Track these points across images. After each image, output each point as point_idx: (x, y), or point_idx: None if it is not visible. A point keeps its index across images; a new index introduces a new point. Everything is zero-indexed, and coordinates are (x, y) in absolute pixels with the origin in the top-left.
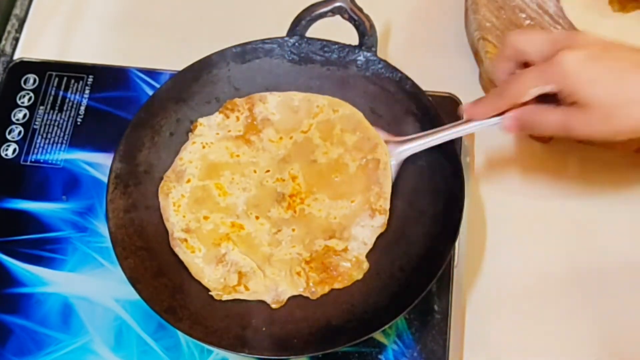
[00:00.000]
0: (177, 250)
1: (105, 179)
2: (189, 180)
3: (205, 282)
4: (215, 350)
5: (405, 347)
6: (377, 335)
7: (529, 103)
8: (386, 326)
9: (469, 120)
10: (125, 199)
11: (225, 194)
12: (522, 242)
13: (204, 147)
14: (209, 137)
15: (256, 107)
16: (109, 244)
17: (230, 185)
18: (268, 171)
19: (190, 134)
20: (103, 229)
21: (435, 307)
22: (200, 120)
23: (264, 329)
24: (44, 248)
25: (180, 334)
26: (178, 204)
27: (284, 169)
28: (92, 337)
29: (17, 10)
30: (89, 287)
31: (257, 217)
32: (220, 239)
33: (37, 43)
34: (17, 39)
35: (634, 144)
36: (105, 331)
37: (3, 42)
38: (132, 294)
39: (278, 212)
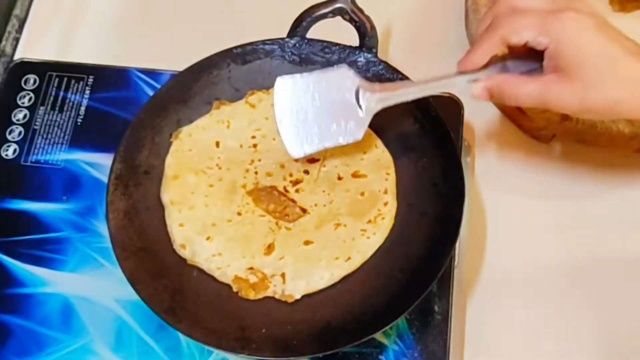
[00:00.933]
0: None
1: (105, 180)
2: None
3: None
4: (215, 351)
5: (406, 347)
6: (378, 336)
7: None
8: (387, 327)
9: (455, 75)
10: (126, 199)
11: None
12: (522, 242)
13: None
14: None
15: None
16: (109, 244)
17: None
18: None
19: None
20: (103, 229)
21: (436, 308)
22: None
23: (263, 330)
24: (45, 248)
25: (180, 334)
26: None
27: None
28: (93, 337)
29: (17, 11)
30: (90, 287)
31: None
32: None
33: (37, 43)
34: (17, 40)
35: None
36: (106, 331)
37: (3, 42)
38: (132, 295)
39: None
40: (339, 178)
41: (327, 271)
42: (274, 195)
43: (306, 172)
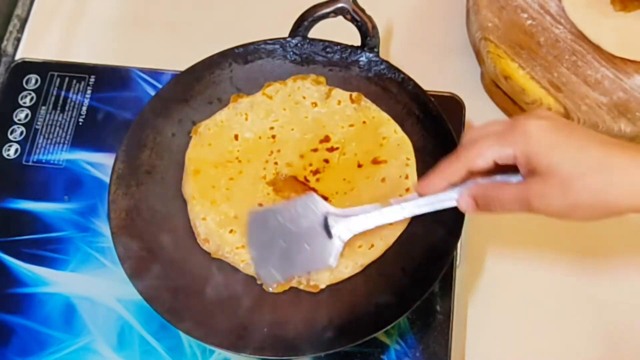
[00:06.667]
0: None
1: (107, 179)
2: None
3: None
4: (217, 350)
5: (408, 347)
6: (380, 336)
7: (482, 175)
8: (388, 327)
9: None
10: (127, 199)
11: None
12: (524, 242)
13: None
14: None
15: None
16: (110, 244)
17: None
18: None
19: None
20: (105, 229)
21: (438, 308)
22: None
23: (265, 329)
24: (46, 248)
25: (182, 334)
26: None
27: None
28: (95, 337)
29: (18, 11)
30: (91, 287)
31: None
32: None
33: (38, 43)
34: (18, 40)
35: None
36: (108, 331)
37: (5, 42)
38: (134, 294)
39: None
40: (359, 165)
41: (351, 260)
42: (295, 184)
43: (326, 160)
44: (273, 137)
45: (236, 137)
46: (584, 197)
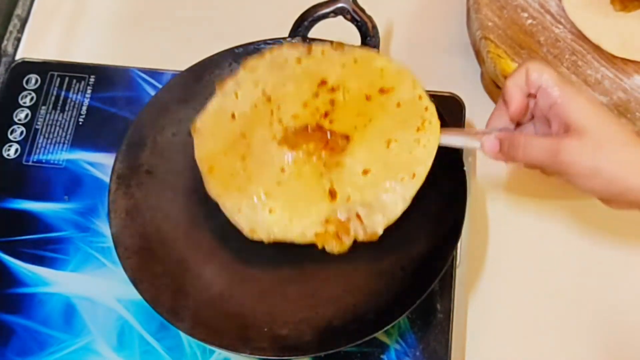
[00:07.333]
0: None
1: (107, 179)
2: None
3: None
4: (217, 350)
5: (408, 346)
6: (380, 335)
7: None
8: (388, 326)
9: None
10: (128, 199)
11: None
12: (524, 241)
13: None
14: None
15: None
16: (111, 244)
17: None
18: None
19: None
20: (105, 229)
21: (438, 307)
22: None
23: (265, 329)
24: (46, 248)
25: (182, 334)
26: None
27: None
28: (95, 337)
29: (19, 11)
30: (91, 287)
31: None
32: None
33: (39, 43)
34: (19, 39)
35: None
36: (108, 331)
37: (5, 42)
38: (134, 294)
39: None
40: (368, 98)
41: (399, 195)
42: (310, 132)
43: (331, 102)
44: (268, 99)
45: (233, 115)
46: (609, 165)
